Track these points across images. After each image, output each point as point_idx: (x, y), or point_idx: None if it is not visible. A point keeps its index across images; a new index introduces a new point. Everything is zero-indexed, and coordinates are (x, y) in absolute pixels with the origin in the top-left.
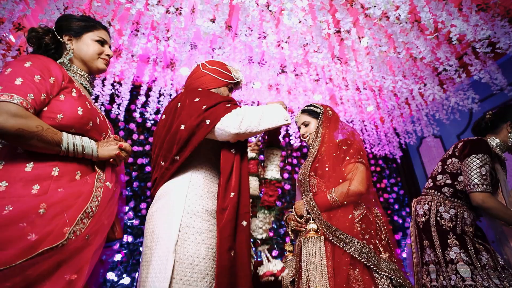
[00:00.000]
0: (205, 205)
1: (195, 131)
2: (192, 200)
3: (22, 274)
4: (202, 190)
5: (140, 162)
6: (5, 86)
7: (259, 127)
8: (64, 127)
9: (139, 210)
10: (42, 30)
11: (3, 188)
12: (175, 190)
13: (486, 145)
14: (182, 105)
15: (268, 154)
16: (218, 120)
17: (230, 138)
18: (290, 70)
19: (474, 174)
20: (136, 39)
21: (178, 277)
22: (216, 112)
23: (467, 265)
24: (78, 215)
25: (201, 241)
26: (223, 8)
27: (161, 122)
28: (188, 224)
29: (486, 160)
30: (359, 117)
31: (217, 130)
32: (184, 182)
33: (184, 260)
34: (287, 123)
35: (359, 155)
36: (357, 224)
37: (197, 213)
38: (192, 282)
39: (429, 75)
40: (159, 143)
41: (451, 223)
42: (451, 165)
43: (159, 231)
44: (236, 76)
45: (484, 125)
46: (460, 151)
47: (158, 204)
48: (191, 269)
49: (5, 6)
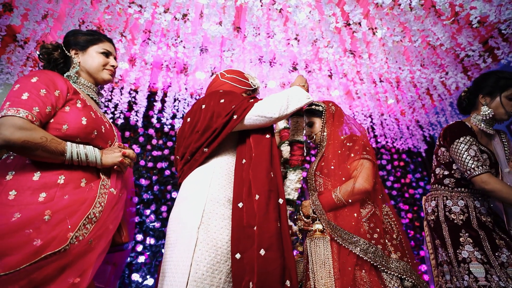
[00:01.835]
0: (227, 194)
1: (224, 125)
2: (215, 189)
3: (28, 278)
4: (224, 180)
5: (160, 166)
6: (12, 101)
7: (288, 109)
8: (69, 137)
9: (160, 213)
10: (51, 46)
11: (12, 196)
12: (199, 180)
13: (464, 127)
14: (207, 107)
15: (293, 122)
16: (245, 113)
17: (265, 123)
18: (301, 68)
19: (466, 159)
20: (148, 47)
21: (202, 256)
22: (242, 107)
23: (481, 264)
24: (80, 220)
25: (224, 226)
26: (229, 11)
27: (186, 124)
28: (211, 210)
29: (470, 141)
30: (378, 111)
31: (250, 120)
32: (207, 173)
33: (208, 241)
34: (310, 101)
35: (364, 151)
36: (365, 224)
37: (220, 201)
38: (216, 263)
39: (450, 62)
40: (185, 142)
41: (463, 215)
42: (442, 155)
43: (184, 216)
44: (253, 83)
45: (464, 103)
46: (444, 139)
47: (184, 192)
48: (215, 251)
49: (28, 27)
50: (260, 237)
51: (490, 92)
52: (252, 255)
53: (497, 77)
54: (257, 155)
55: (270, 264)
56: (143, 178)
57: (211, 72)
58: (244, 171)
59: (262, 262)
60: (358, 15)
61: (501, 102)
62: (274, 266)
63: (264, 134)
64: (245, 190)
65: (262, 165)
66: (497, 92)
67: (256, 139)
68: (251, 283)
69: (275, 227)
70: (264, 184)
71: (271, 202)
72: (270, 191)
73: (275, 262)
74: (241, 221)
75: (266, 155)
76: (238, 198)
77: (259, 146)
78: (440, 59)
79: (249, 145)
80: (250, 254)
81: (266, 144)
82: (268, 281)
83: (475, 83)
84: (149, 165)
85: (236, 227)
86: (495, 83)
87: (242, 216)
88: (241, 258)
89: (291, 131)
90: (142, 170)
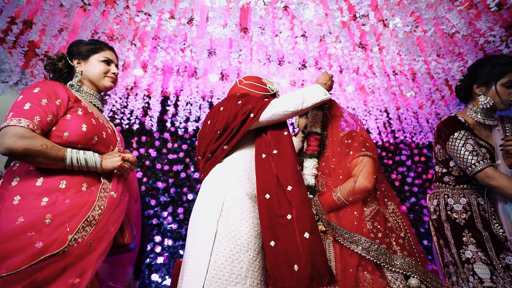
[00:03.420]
0: (246, 189)
1: (242, 123)
2: (233, 184)
3: (29, 278)
4: (242, 176)
5: (176, 169)
6: (15, 112)
7: (303, 105)
8: (71, 143)
9: (176, 215)
10: (56, 57)
11: (17, 201)
12: (219, 176)
13: (456, 122)
14: (225, 109)
15: (312, 114)
16: (262, 111)
17: (281, 118)
18: (309, 65)
19: (464, 155)
20: (157, 53)
21: (222, 247)
22: (258, 106)
23: (486, 265)
24: (79, 223)
25: (243, 219)
26: (233, 12)
27: (206, 126)
28: (230, 205)
29: (465, 135)
30: (394, 105)
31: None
32: (227, 169)
33: (227, 233)
34: (327, 98)
35: (363, 147)
36: (368, 223)
37: (239, 195)
38: (236, 253)
39: (469, 50)
40: (206, 141)
41: (466, 214)
42: (438, 152)
43: (205, 210)
44: (272, 88)
45: (462, 93)
46: (438, 137)
47: (205, 188)
48: (234, 242)
49: (46, 41)
50: (302, 222)
51: (486, 81)
52: (291, 241)
53: (492, 64)
54: (281, 151)
55: (316, 245)
56: (159, 181)
57: (221, 74)
58: (266, 164)
59: (308, 244)
60: (366, 7)
61: (496, 91)
62: (320, 247)
63: (282, 131)
64: (272, 182)
65: (289, 160)
66: (492, 81)
67: (275, 136)
68: (296, 266)
69: (312, 213)
70: (294, 175)
71: (303, 191)
72: (300, 182)
73: (320, 244)
74: (272, 211)
75: (290, 151)
76: (264, 190)
77: (280, 142)
78: (458, 47)
79: (267, 141)
80: (287, 240)
81: (287, 140)
82: (317, 261)
83: (469, 71)
84: (165, 168)
85: (266, 217)
86: (490, 71)
87: (271, 206)
88: (276, 245)
89: (309, 122)
90: (158, 173)
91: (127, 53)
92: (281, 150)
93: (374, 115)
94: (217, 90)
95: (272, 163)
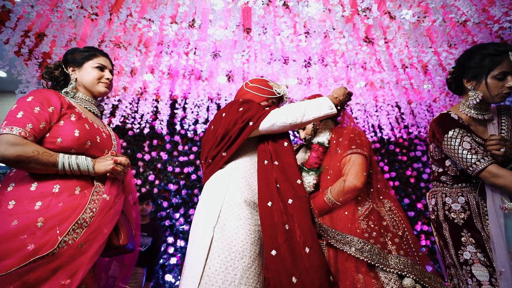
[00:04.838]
0: (245, 195)
1: (240, 131)
2: (232, 191)
3: (21, 279)
4: (242, 183)
5: (187, 171)
6: (8, 120)
7: (304, 118)
8: (64, 149)
9: (188, 216)
10: (53, 66)
11: (11, 206)
12: (219, 182)
13: (449, 119)
14: (227, 115)
15: (323, 123)
16: (261, 120)
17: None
18: (314, 62)
19: (462, 154)
20: (162, 57)
21: (216, 254)
22: (258, 114)
23: (485, 267)
24: (69, 226)
25: (239, 226)
26: (234, 13)
27: (209, 131)
28: (228, 211)
29: (460, 133)
30: (405, 99)
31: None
32: (226, 176)
33: (222, 240)
34: (332, 112)
35: (353, 144)
36: (362, 222)
37: (236, 202)
38: (230, 260)
39: (484, 38)
40: (208, 146)
41: (464, 213)
42: (434, 151)
43: (203, 215)
44: (278, 91)
45: (453, 88)
46: (432, 136)
47: (205, 193)
48: (229, 249)
49: (56, 52)
50: (303, 234)
51: (475, 75)
52: (292, 252)
53: (481, 55)
54: (282, 163)
55: (316, 259)
56: (171, 183)
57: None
58: (268, 171)
59: (308, 258)
60: (368, 1)
61: (487, 85)
62: (320, 261)
63: (282, 141)
64: (275, 190)
65: (288, 172)
66: (483, 74)
67: (275, 147)
68: (295, 278)
69: (313, 226)
70: (293, 189)
71: (304, 204)
72: (300, 196)
73: (321, 257)
74: (275, 219)
75: (290, 163)
76: (267, 197)
77: (280, 153)
78: (472, 36)
79: (269, 151)
80: (288, 250)
81: (287, 151)
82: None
83: (458, 64)
84: (177, 171)
85: (268, 225)
86: (480, 64)
87: (274, 214)
88: (277, 254)
89: (318, 131)
90: (170, 176)
91: (133, 59)
92: (281, 162)
93: (385, 110)
94: (224, 91)
95: (273, 173)
